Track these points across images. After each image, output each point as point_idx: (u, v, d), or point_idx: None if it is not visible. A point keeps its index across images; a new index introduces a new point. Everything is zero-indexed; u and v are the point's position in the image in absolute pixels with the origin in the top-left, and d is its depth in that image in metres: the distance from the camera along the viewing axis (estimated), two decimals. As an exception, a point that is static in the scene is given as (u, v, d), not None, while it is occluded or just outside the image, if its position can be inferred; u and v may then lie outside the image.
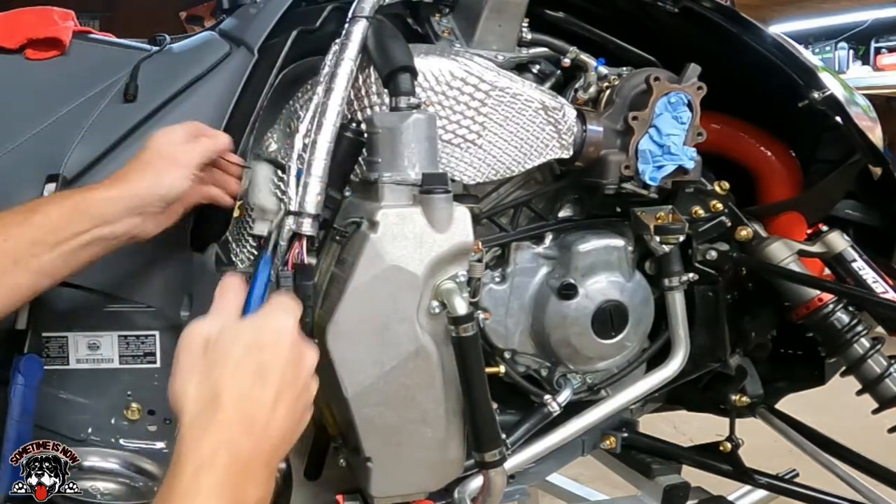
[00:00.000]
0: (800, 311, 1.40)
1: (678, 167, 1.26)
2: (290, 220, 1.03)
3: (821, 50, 5.26)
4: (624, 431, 1.52)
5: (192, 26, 2.20)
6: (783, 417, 1.61)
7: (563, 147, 1.24)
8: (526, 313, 1.33)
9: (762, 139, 1.44)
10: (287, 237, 1.03)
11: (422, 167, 1.06)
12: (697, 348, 1.39)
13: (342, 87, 1.07)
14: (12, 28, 1.29)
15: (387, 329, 1.06)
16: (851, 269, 1.41)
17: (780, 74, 1.31)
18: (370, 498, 1.15)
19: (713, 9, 1.28)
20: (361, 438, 1.10)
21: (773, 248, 1.39)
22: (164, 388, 1.30)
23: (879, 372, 1.39)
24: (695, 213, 1.36)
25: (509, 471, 1.27)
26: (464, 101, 1.18)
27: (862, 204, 1.50)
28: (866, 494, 1.59)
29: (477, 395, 1.09)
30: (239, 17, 1.39)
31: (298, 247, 1.02)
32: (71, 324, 1.25)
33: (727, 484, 1.56)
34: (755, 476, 1.52)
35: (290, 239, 1.03)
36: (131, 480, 1.28)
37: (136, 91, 1.25)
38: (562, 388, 1.35)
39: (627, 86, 1.28)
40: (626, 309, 1.32)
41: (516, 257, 1.32)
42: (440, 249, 1.05)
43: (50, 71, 1.28)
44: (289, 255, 1.02)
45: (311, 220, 1.03)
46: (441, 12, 1.31)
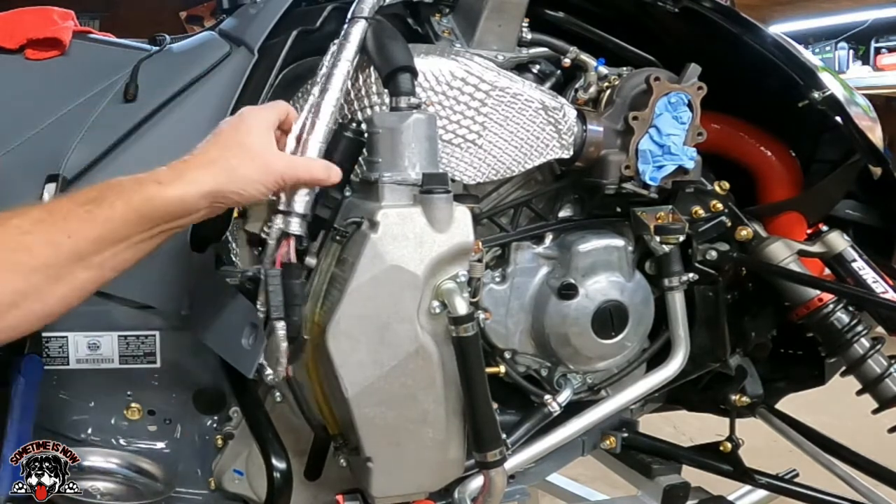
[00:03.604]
0: (800, 311, 1.40)
1: (678, 167, 1.26)
2: (279, 219, 1.03)
3: (821, 50, 5.26)
4: (624, 431, 1.52)
5: (192, 26, 2.20)
6: (783, 417, 1.61)
7: (564, 147, 1.24)
8: (526, 313, 1.33)
9: (762, 139, 1.44)
10: (276, 236, 1.03)
11: (422, 167, 1.06)
12: (697, 348, 1.39)
13: (337, 88, 1.07)
14: (12, 28, 1.29)
15: (387, 329, 1.06)
16: (851, 269, 1.41)
17: (780, 74, 1.31)
18: (370, 498, 1.15)
19: (713, 9, 1.29)
20: (361, 438, 1.10)
21: (773, 248, 1.39)
22: (164, 388, 1.32)
23: (879, 372, 1.39)
24: (695, 213, 1.37)
25: (509, 471, 1.27)
26: (464, 101, 1.18)
27: (862, 204, 1.50)
28: (866, 494, 1.59)
29: (477, 395, 1.09)
30: (239, 17, 1.39)
31: (286, 246, 1.02)
32: (71, 324, 1.25)
33: (727, 484, 1.57)
34: (755, 476, 1.52)
35: (279, 238, 1.02)
36: (131, 480, 1.28)
37: (136, 91, 1.25)
38: (562, 388, 1.35)
39: (627, 86, 1.28)
40: (627, 309, 1.32)
41: (516, 257, 1.32)
42: (440, 249, 1.05)
43: (50, 71, 1.28)
44: (277, 254, 1.02)
45: (300, 219, 1.02)
46: (441, 12, 1.31)
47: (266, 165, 0.96)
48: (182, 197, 0.92)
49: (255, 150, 0.96)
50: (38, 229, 0.85)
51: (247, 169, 0.95)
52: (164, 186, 0.91)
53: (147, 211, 0.90)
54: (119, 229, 0.89)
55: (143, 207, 0.90)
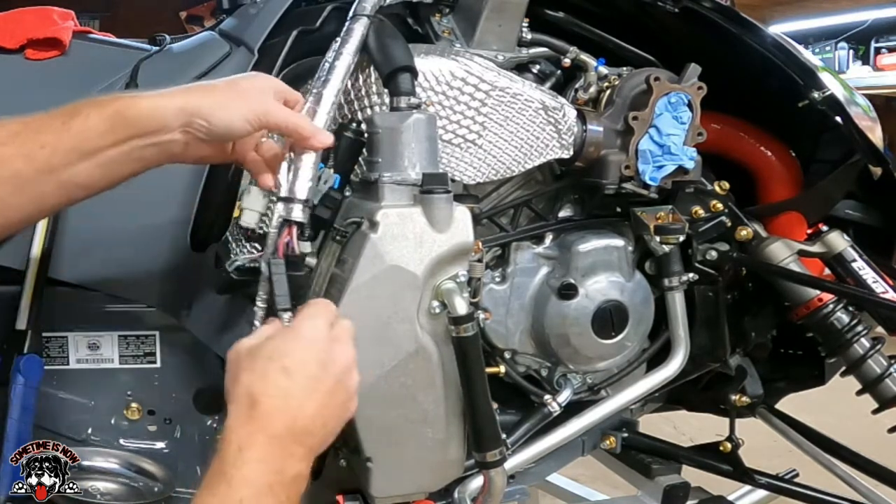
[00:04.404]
0: (800, 311, 1.40)
1: (678, 167, 1.26)
2: (281, 207, 1.00)
3: (821, 50, 5.25)
4: (624, 431, 1.52)
5: (192, 26, 2.20)
6: (783, 417, 1.61)
7: (564, 147, 1.24)
8: (526, 313, 1.33)
9: (762, 139, 1.44)
10: (277, 224, 0.99)
11: (422, 167, 1.06)
12: (697, 348, 1.39)
13: (339, 79, 1.06)
14: (12, 28, 1.29)
15: (387, 329, 1.06)
16: (851, 269, 1.41)
17: (780, 74, 1.31)
18: (370, 498, 1.15)
19: (713, 9, 1.29)
20: (361, 438, 1.10)
21: (773, 248, 1.39)
22: (164, 388, 1.32)
23: (879, 372, 1.39)
24: (695, 213, 1.37)
25: (509, 471, 1.27)
26: (464, 101, 1.18)
27: (862, 204, 1.50)
28: (866, 494, 1.59)
29: (477, 395, 1.09)
30: (239, 17, 1.39)
31: (288, 234, 0.98)
32: (71, 324, 1.25)
33: (727, 484, 1.57)
34: (755, 476, 1.52)
35: (280, 226, 0.99)
36: (131, 480, 1.28)
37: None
38: (562, 388, 1.35)
39: (627, 86, 1.28)
40: (627, 309, 1.32)
41: (516, 257, 1.32)
42: (440, 249, 1.05)
43: (50, 71, 1.28)
44: (279, 242, 0.98)
45: (302, 205, 0.99)
46: (441, 12, 1.31)
47: (248, 99, 0.94)
48: (153, 107, 0.90)
49: (242, 87, 0.95)
50: (12, 141, 0.86)
51: (226, 97, 0.93)
52: (139, 98, 0.91)
53: (119, 121, 0.89)
54: (91, 139, 0.88)
55: (116, 117, 0.89)
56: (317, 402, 0.84)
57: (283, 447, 0.81)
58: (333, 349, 0.87)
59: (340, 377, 0.87)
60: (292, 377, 0.83)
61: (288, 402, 0.82)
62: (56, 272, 1.19)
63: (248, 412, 0.81)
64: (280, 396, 0.82)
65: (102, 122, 0.89)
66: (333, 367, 0.86)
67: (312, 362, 0.85)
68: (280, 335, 0.86)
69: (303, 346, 0.85)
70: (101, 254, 1.21)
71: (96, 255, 1.21)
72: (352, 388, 0.89)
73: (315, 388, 0.84)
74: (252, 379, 0.83)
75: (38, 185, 0.87)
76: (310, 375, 0.84)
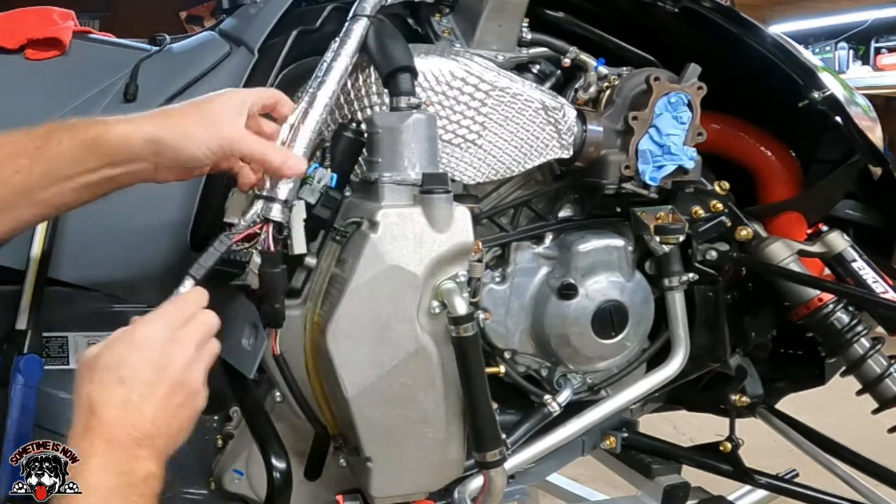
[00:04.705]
0: (800, 311, 1.40)
1: (678, 167, 1.26)
2: (259, 204, 0.99)
3: (821, 50, 5.25)
4: (624, 431, 1.52)
5: (192, 26, 2.20)
6: (783, 417, 1.61)
7: (564, 147, 1.24)
8: (526, 313, 1.33)
9: (762, 139, 1.44)
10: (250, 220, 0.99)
11: (422, 167, 1.06)
12: (697, 348, 1.39)
13: (335, 81, 1.06)
14: (12, 28, 1.29)
15: (387, 329, 1.06)
16: (851, 269, 1.41)
17: (780, 74, 1.31)
18: (370, 498, 1.15)
19: (713, 9, 1.29)
20: (361, 438, 1.10)
21: (773, 248, 1.39)
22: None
23: (879, 372, 1.39)
24: (695, 213, 1.37)
25: (509, 471, 1.27)
26: (464, 101, 1.18)
27: (862, 204, 1.50)
28: (866, 494, 1.59)
29: (477, 395, 1.09)
30: (239, 17, 1.39)
31: (265, 232, 0.98)
32: (71, 324, 1.25)
33: (727, 484, 1.57)
34: (755, 476, 1.52)
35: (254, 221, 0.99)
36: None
37: (135, 91, 1.25)
38: (562, 388, 1.35)
39: (627, 86, 1.28)
40: (626, 309, 1.32)
41: (516, 257, 1.32)
42: (440, 249, 1.05)
43: (50, 71, 1.28)
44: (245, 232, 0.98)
45: (281, 206, 0.99)
46: (441, 12, 1.31)
47: (216, 128, 0.95)
48: (124, 136, 0.93)
49: (211, 114, 0.96)
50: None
51: (194, 126, 0.95)
52: (110, 126, 0.94)
53: (92, 148, 0.92)
54: (64, 166, 0.91)
55: (89, 144, 0.92)
56: (155, 406, 0.86)
57: (126, 451, 0.83)
58: (171, 351, 0.88)
59: (178, 377, 0.88)
60: (128, 385, 0.85)
61: (126, 410, 0.84)
62: (56, 272, 1.19)
63: (87, 422, 0.84)
64: (118, 406, 0.84)
65: (74, 148, 0.92)
66: (169, 369, 0.87)
67: (147, 368, 0.86)
68: (119, 342, 0.88)
69: (137, 353, 0.87)
70: (100, 254, 1.21)
71: (96, 255, 1.21)
72: (194, 386, 0.89)
73: (152, 392, 0.86)
74: (91, 389, 0.85)
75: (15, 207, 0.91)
76: (145, 381, 0.86)
